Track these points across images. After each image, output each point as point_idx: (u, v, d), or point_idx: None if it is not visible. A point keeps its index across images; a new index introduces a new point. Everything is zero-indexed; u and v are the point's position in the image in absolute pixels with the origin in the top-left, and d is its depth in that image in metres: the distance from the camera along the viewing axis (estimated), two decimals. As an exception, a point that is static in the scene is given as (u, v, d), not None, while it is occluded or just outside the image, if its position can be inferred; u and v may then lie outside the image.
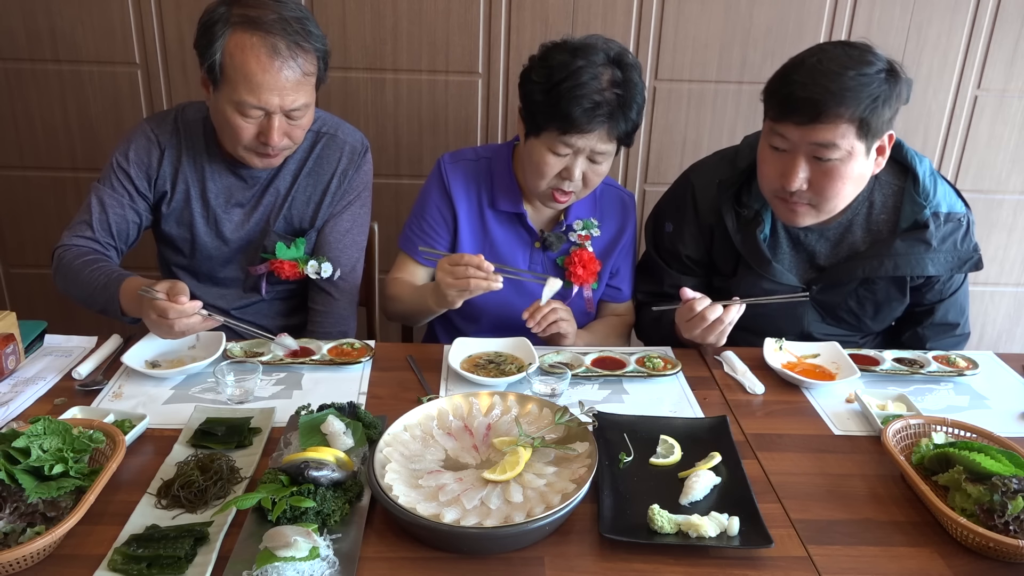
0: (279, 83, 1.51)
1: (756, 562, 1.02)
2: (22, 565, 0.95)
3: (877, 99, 1.42)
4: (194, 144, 1.71)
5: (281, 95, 1.52)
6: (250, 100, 1.52)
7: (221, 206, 1.74)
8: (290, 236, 1.76)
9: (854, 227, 1.65)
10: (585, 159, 1.59)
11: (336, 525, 1.03)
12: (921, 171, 1.61)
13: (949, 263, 1.62)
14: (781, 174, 1.51)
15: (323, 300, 1.81)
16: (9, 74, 2.30)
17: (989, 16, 2.32)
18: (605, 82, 1.52)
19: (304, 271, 1.75)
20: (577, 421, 1.23)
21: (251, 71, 1.49)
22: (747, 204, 1.68)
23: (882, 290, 1.67)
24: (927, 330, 1.75)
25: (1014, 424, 1.41)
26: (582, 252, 1.76)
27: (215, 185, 1.73)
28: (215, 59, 1.51)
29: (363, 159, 1.80)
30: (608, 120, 1.53)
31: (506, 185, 1.74)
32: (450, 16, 2.27)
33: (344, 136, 1.78)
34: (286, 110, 1.55)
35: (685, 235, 1.76)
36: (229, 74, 1.52)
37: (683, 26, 2.30)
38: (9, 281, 2.62)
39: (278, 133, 1.57)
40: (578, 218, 1.76)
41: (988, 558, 1.04)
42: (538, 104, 1.56)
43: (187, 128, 1.71)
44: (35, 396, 1.37)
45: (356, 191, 1.80)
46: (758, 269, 1.66)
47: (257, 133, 1.58)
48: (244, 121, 1.56)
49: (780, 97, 1.47)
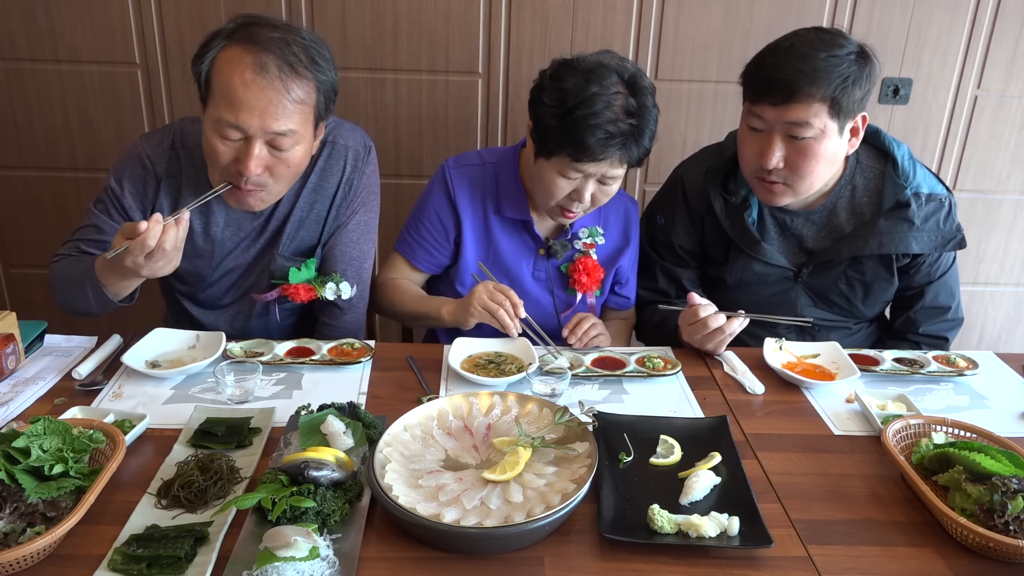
0: (260, 103, 1.40)
1: (756, 562, 1.02)
2: (22, 565, 0.95)
3: (847, 79, 1.49)
4: (196, 172, 1.59)
5: (262, 117, 1.41)
6: (228, 117, 1.41)
7: (227, 237, 1.65)
8: (299, 258, 1.67)
9: (838, 210, 1.70)
10: (595, 182, 1.59)
11: (336, 525, 1.03)
12: (899, 155, 1.68)
13: (933, 241, 1.67)
14: (759, 153, 1.58)
15: (330, 313, 1.73)
16: (9, 74, 2.30)
17: (989, 16, 2.32)
18: (619, 110, 1.50)
19: (323, 295, 1.65)
20: (577, 421, 1.23)
21: (233, 86, 1.39)
22: (734, 191, 1.74)
23: (870, 271, 1.71)
24: (918, 314, 1.79)
25: (1014, 424, 1.41)
26: (586, 260, 1.75)
27: (219, 217, 1.63)
28: (203, 71, 1.44)
29: (366, 161, 1.70)
30: (621, 148, 1.52)
31: (512, 192, 1.72)
32: (450, 16, 2.27)
33: (345, 141, 1.67)
34: (268, 134, 1.43)
35: (677, 226, 1.80)
36: (214, 89, 1.43)
37: (683, 26, 2.30)
38: (9, 281, 2.62)
39: (255, 161, 1.44)
40: (583, 226, 1.76)
41: (988, 558, 1.04)
42: (550, 129, 1.53)
43: (188, 155, 1.60)
44: (35, 396, 1.37)
45: (361, 197, 1.70)
46: (748, 250, 1.72)
47: (235, 159, 1.46)
48: (222, 143, 1.44)
49: (756, 79, 1.56)
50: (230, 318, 1.76)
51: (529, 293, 1.76)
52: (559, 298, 1.78)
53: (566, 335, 1.62)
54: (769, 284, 1.76)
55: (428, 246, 1.77)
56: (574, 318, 1.65)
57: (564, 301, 1.77)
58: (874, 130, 1.70)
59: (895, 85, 2.38)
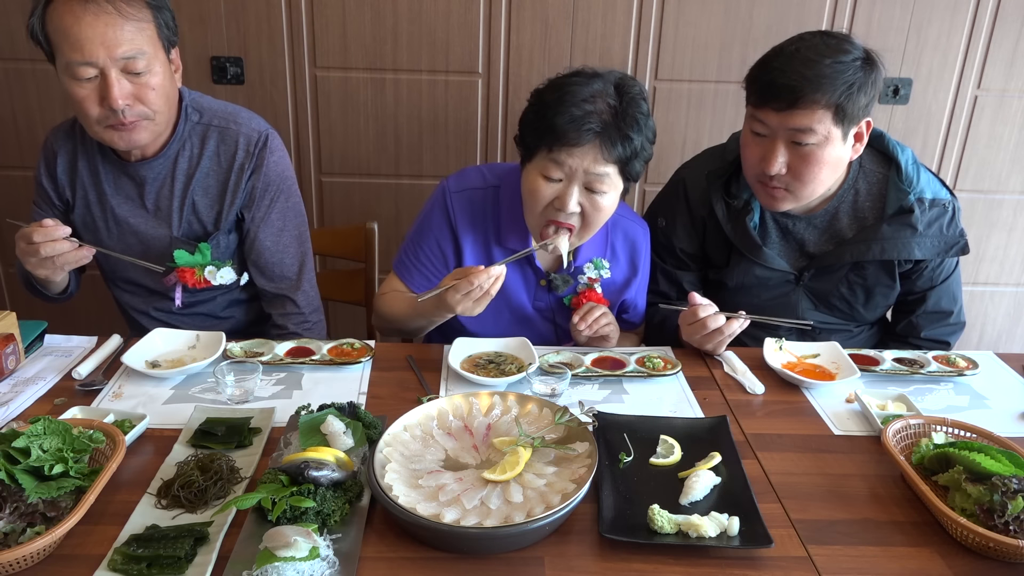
0: (98, 31, 1.42)
1: (756, 562, 1.02)
2: (22, 565, 0.95)
3: (852, 86, 1.47)
4: (87, 147, 1.64)
5: (106, 45, 1.43)
6: (75, 57, 1.43)
7: (123, 210, 1.67)
8: (194, 242, 1.68)
9: (840, 214, 1.69)
10: (582, 188, 1.49)
11: (336, 525, 1.03)
12: (903, 159, 1.66)
13: (936, 247, 1.66)
14: (761, 158, 1.57)
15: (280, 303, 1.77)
16: (9, 74, 2.30)
17: (989, 16, 2.32)
18: (596, 93, 1.44)
19: (203, 278, 1.67)
20: (577, 421, 1.23)
21: (67, 25, 1.42)
22: (736, 195, 1.72)
23: (872, 275, 1.70)
24: (920, 318, 1.78)
25: (1014, 424, 1.41)
26: (591, 293, 1.68)
27: (111, 188, 1.66)
28: (36, 29, 1.47)
29: (264, 152, 1.67)
30: (599, 135, 1.43)
31: (513, 219, 1.64)
32: (450, 16, 2.27)
33: (238, 128, 1.67)
34: (117, 60, 1.45)
35: (678, 228, 1.79)
36: (52, 39, 1.46)
37: (683, 26, 2.30)
38: (9, 281, 2.62)
39: (119, 91, 1.46)
40: (588, 259, 1.68)
41: (988, 558, 1.04)
42: (528, 124, 1.51)
43: (82, 130, 1.62)
44: (35, 396, 1.37)
45: (274, 185, 1.69)
46: (749, 255, 1.71)
47: (100, 99, 1.48)
48: (80, 87, 1.47)
49: (760, 84, 1.54)
50: (155, 302, 1.78)
51: (530, 322, 1.73)
52: (561, 329, 1.75)
53: (576, 322, 1.59)
54: (770, 288, 1.75)
55: (426, 271, 1.71)
56: (584, 307, 1.62)
57: (566, 332, 1.71)
58: (878, 134, 1.68)
59: (895, 85, 2.38)
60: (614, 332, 1.64)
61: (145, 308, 1.79)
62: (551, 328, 1.75)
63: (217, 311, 1.81)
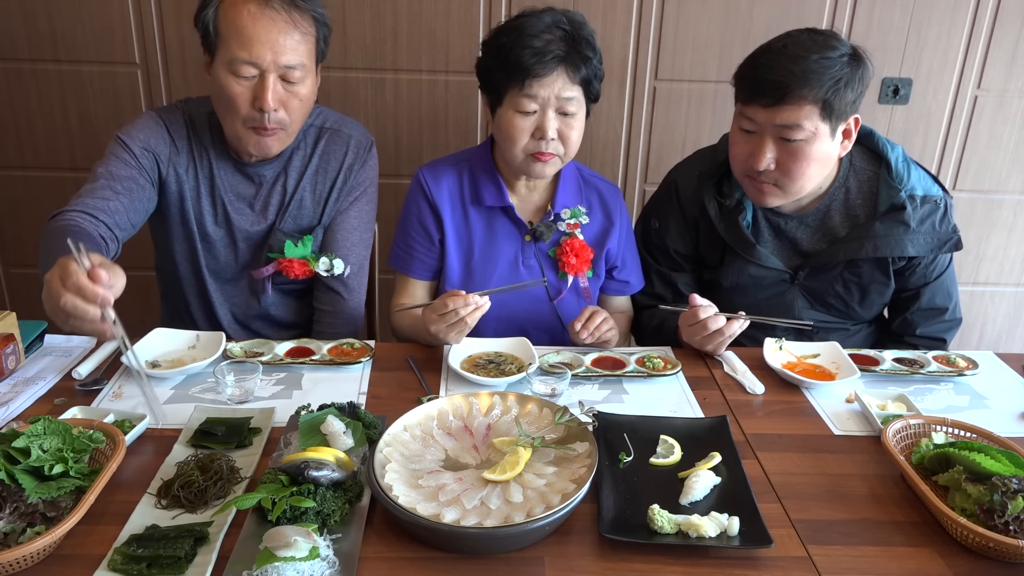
0: (271, 36, 1.49)
1: (756, 562, 1.02)
2: (22, 565, 0.95)
3: (839, 81, 1.48)
4: (201, 139, 1.68)
5: (274, 50, 1.49)
6: (241, 55, 1.49)
7: (232, 203, 1.72)
8: (297, 234, 1.74)
9: (832, 212, 1.69)
10: (555, 113, 1.56)
11: (336, 525, 1.03)
12: (893, 157, 1.67)
13: (929, 244, 1.67)
14: (750, 155, 1.58)
15: (331, 300, 1.79)
16: (9, 74, 2.30)
17: (989, 16, 2.32)
18: (548, 25, 1.53)
19: (315, 268, 1.73)
20: (577, 421, 1.23)
21: (242, 24, 1.48)
22: (728, 194, 1.73)
23: (866, 273, 1.71)
24: (915, 316, 1.78)
25: (1014, 424, 1.41)
26: (573, 240, 1.73)
27: (223, 183, 1.70)
28: (208, 22, 1.50)
29: (368, 154, 1.79)
30: (564, 61, 1.52)
31: (488, 180, 1.72)
32: (450, 16, 2.27)
33: (349, 131, 1.77)
34: (280, 67, 1.51)
35: (671, 229, 1.79)
36: (222, 33, 1.50)
37: (683, 26, 2.30)
38: (9, 281, 2.62)
39: (272, 95, 1.52)
40: (565, 207, 1.74)
41: (988, 558, 1.04)
42: (490, 70, 1.57)
43: (194, 122, 1.68)
44: (35, 396, 1.37)
45: (362, 187, 1.78)
46: (743, 254, 1.71)
47: (252, 99, 1.53)
48: (238, 84, 1.52)
49: (748, 80, 1.56)
50: (231, 292, 1.81)
51: (530, 311, 1.75)
52: (551, 283, 1.76)
53: (578, 328, 1.59)
54: (765, 287, 1.75)
55: (418, 255, 1.76)
56: (585, 311, 1.61)
57: (555, 287, 1.76)
58: (868, 132, 1.69)
59: (895, 85, 2.38)
60: (615, 337, 1.65)
61: (236, 305, 1.82)
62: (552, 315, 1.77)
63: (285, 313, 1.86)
